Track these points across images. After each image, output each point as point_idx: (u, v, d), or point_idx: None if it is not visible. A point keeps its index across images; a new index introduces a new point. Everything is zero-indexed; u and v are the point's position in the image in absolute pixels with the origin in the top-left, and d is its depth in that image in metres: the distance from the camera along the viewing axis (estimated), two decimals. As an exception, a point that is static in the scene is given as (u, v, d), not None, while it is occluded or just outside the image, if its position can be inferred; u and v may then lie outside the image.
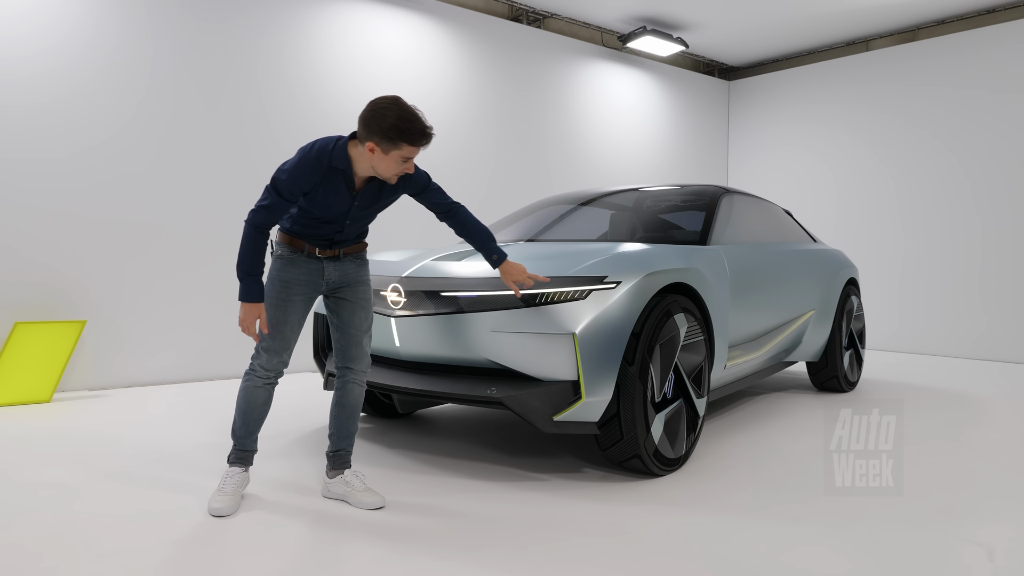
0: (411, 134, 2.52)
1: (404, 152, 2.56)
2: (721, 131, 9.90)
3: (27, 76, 4.86)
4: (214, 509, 2.69)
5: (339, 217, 2.73)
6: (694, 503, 2.88)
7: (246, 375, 2.82)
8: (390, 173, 2.62)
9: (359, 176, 2.68)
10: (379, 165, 2.59)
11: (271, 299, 2.73)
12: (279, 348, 2.77)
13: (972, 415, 4.66)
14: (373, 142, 2.53)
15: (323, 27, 6.23)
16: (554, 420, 2.93)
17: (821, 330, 5.03)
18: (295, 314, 2.78)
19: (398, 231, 6.64)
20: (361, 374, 2.95)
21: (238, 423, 2.85)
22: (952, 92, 7.74)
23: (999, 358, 7.25)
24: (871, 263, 8.06)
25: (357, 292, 2.89)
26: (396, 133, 2.50)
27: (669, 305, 3.17)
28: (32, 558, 2.31)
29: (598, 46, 8.39)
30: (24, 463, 3.35)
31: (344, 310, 2.88)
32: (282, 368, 2.83)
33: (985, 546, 2.46)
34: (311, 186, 2.60)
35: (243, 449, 2.87)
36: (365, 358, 2.94)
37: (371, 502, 2.80)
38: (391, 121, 2.49)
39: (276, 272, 2.77)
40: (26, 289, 4.87)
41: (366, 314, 2.91)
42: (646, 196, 4.67)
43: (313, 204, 2.66)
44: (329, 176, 2.62)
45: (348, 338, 2.89)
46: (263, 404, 2.85)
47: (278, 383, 2.87)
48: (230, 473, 2.83)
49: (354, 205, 2.72)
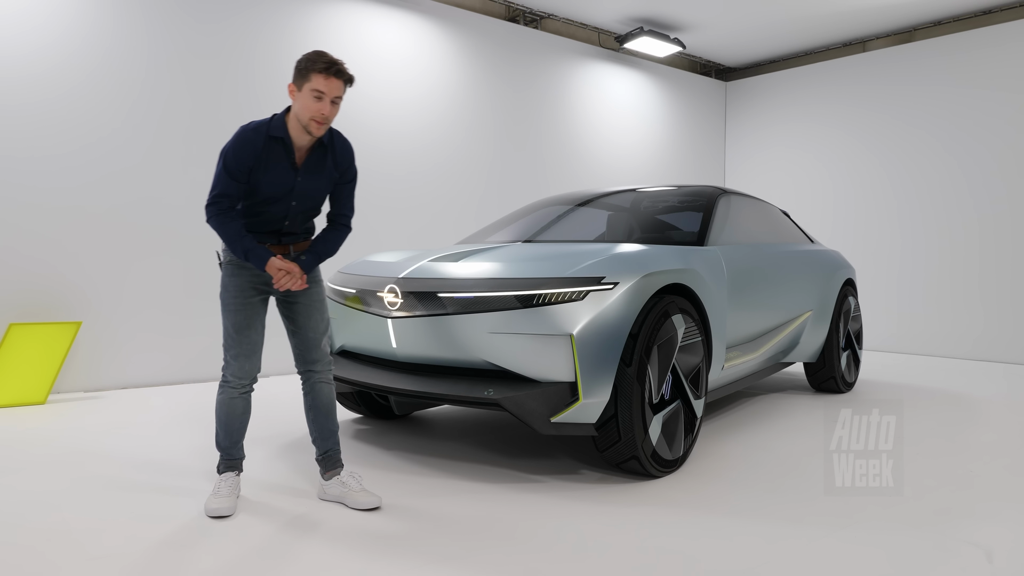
0: (319, 63, 2.62)
1: (314, 84, 2.62)
2: (718, 132, 9.90)
3: (24, 75, 4.84)
4: (212, 510, 2.68)
5: (285, 194, 2.74)
6: (692, 504, 2.87)
7: (220, 387, 2.83)
8: (307, 115, 2.64)
9: (298, 147, 2.73)
10: (298, 107, 2.66)
11: (229, 305, 2.77)
12: (247, 352, 2.78)
13: (970, 416, 4.65)
14: (292, 84, 2.67)
15: (319, 27, 6.22)
16: (551, 421, 2.92)
17: (818, 331, 5.03)
18: (257, 316, 2.80)
19: (392, 232, 6.64)
20: (326, 373, 2.94)
21: (221, 435, 2.86)
22: (949, 92, 7.75)
23: (997, 359, 7.25)
24: (868, 264, 8.07)
25: (310, 294, 2.87)
26: (306, 62, 2.64)
27: (667, 306, 3.17)
28: (27, 560, 2.30)
29: (595, 47, 8.39)
30: (19, 465, 3.33)
31: (299, 314, 2.87)
32: (255, 374, 2.84)
33: (984, 547, 2.46)
34: (254, 159, 2.66)
35: (230, 457, 2.88)
36: (326, 358, 2.94)
37: (368, 502, 2.79)
38: (303, 57, 2.66)
39: (229, 278, 2.79)
40: (21, 290, 4.85)
41: (321, 315, 2.91)
42: (643, 197, 4.67)
43: (259, 182, 2.69)
44: (270, 148, 2.69)
45: (307, 342, 2.89)
46: (242, 414, 2.85)
47: (254, 390, 2.89)
48: (223, 479, 2.83)
49: (297, 180, 2.75)
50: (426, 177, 6.90)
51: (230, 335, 2.78)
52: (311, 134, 2.69)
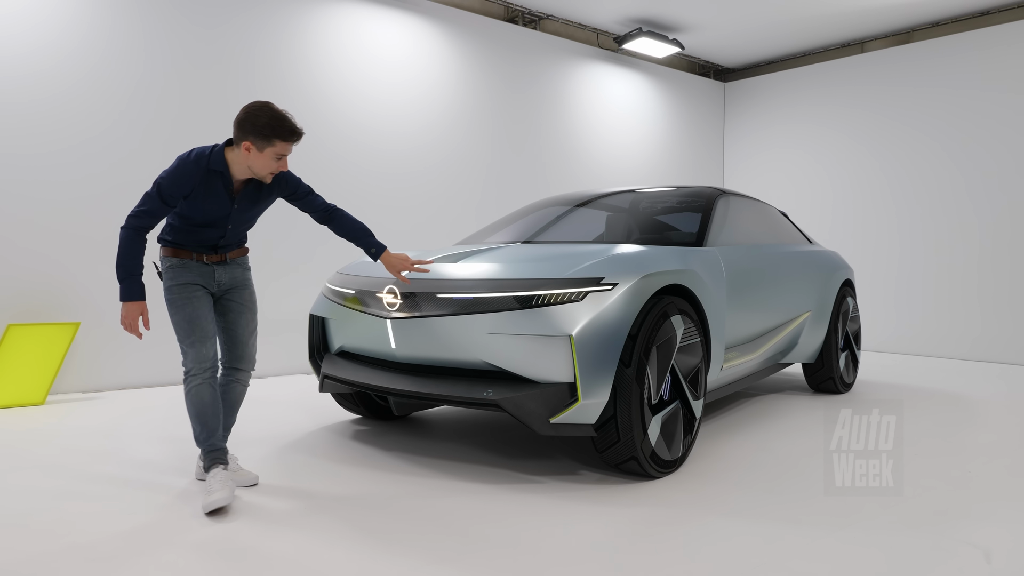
0: (283, 131, 2.77)
1: (278, 149, 2.79)
2: (717, 132, 9.91)
3: (24, 75, 4.84)
4: (210, 504, 2.67)
5: (220, 220, 2.92)
6: (691, 505, 2.87)
7: (185, 381, 2.92)
8: (265, 171, 2.84)
9: (236, 179, 2.89)
10: (255, 163, 2.81)
11: (176, 302, 2.91)
12: (202, 338, 2.91)
13: (969, 416, 4.66)
14: (249, 141, 2.77)
15: (318, 27, 6.22)
16: (550, 422, 2.93)
17: (817, 331, 5.03)
18: (204, 307, 2.94)
19: (392, 233, 6.64)
20: (246, 375, 3.14)
21: (197, 429, 2.92)
22: (947, 93, 7.76)
23: (995, 359, 7.26)
24: (867, 265, 8.07)
25: (243, 295, 3.09)
26: (270, 131, 2.75)
27: (666, 307, 3.17)
28: (27, 560, 2.29)
29: (594, 47, 8.39)
30: (18, 466, 3.33)
31: (232, 312, 3.06)
32: (215, 360, 2.97)
33: (982, 548, 2.46)
34: (190, 189, 2.79)
35: (213, 449, 2.91)
36: (251, 359, 3.14)
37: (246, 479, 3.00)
38: (265, 120, 2.75)
39: (171, 281, 2.93)
40: (19, 291, 4.84)
41: (251, 316, 3.12)
42: (642, 198, 4.67)
43: (194, 209, 2.84)
44: (208, 180, 2.82)
45: (235, 339, 3.08)
46: (212, 402, 2.92)
47: (217, 379, 3.00)
48: (213, 474, 2.83)
49: (234, 208, 2.92)
50: (425, 178, 6.90)
51: (183, 327, 2.90)
52: (263, 181, 2.91)
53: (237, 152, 2.81)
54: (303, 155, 6.10)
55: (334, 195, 6.36)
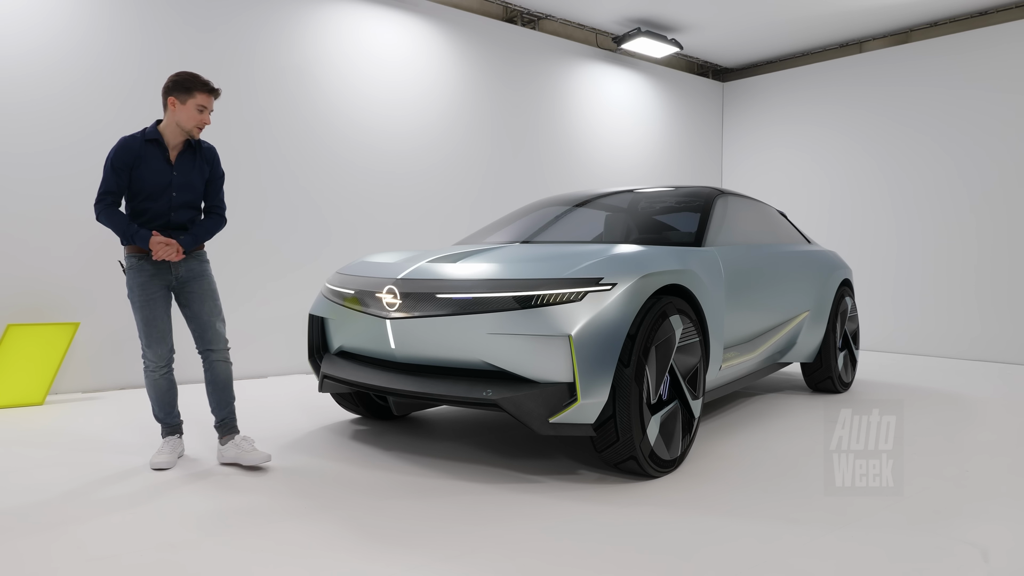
0: (199, 83, 3.21)
1: (199, 100, 3.20)
2: (715, 132, 9.92)
3: (24, 75, 4.84)
4: (156, 463, 3.23)
5: (164, 188, 3.24)
6: (690, 505, 2.87)
7: (144, 373, 3.36)
8: (191, 124, 3.22)
9: (171, 145, 3.26)
10: (181, 117, 3.21)
11: (136, 303, 3.25)
12: (158, 339, 3.29)
13: (968, 415, 4.67)
14: (173, 96, 3.19)
15: (317, 27, 6.22)
16: (550, 422, 2.93)
17: (815, 331, 5.04)
18: (161, 308, 3.29)
19: (391, 233, 6.64)
20: (223, 352, 3.41)
21: (156, 409, 3.41)
22: (945, 93, 7.78)
23: (994, 359, 7.27)
24: (865, 264, 8.08)
25: (202, 284, 3.38)
26: (190, 83, 3.20)
27: (665, 307, 3.17)
28: (27, 560, 2.30)
29: (592, 47, 8.40)
30: (17, 466, 3.33)
31: (194, 303, 3.36)
32: (171, 355, 3.36)
33: (981, 546, 2.47)
34: (132, 158, 3.18)
35: (170, 423, 3.43)
36: (222, 339, 3.41)
37: (260, 458, 3.25)
38: (184, 76, 3.22)
39: (132, 280, 3.26)
40: (19, 291, 4.84)
41: (213, 302, 3.40)
42: (641, 198, 4.67)
43: (140, 181, 3.20)
44: (147, 150, 3.21)
45: (203, 325, 3.37)
46: (168, 390, 3.39)
47: (173, 370, 3.39)
48: (166, 441, 3.36)
49: (173, 174, 3.26)
50: (424, 177, 6.90)
51: (141, 328, 3.27)
52: (191, 137, 3.26)
53: (166, 115, 3.22)
54: (303, 155, 6.11)
55: (334, 194, 6.41)
